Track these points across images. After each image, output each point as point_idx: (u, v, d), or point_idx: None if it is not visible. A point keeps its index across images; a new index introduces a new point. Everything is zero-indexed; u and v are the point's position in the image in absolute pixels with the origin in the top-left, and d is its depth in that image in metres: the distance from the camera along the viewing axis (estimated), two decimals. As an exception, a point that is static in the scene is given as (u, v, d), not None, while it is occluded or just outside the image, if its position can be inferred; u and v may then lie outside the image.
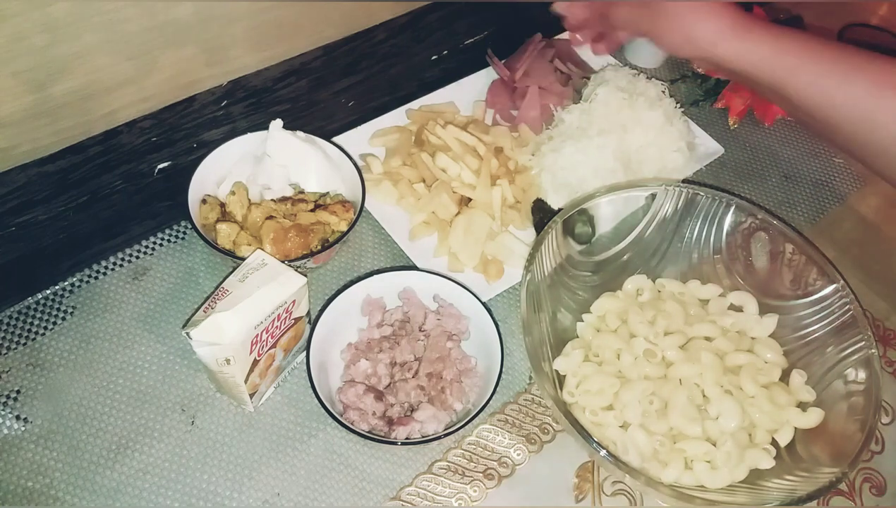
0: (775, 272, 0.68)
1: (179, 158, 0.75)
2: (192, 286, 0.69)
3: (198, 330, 0.52)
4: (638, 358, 0.63)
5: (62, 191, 0.69)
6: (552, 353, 0.63)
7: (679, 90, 0.93)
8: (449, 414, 0.61)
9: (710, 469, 0.59)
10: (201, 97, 0.74)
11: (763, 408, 0.61)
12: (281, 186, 0.71)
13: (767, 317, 0.67)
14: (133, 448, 0.59)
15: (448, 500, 0.60)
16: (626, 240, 0.70)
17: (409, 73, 0.89)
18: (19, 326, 0.64)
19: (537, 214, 0.74)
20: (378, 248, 0.74)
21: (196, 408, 0.62)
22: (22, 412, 0.60)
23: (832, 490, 0.56)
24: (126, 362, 0.63)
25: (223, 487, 0.58)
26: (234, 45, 0.72)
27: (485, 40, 0.93)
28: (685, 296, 0.69)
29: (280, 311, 0.55)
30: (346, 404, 0.60)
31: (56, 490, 0.57)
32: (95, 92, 0.65)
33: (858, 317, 0.61)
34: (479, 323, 0.64)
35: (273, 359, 0.59)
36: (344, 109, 0.85)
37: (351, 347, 0.64)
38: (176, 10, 0.65)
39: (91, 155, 0.69)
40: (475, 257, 0.71)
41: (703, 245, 0.70)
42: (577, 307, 0.68)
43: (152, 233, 0.71)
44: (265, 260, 0.56)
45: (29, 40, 0.58)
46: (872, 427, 0.56)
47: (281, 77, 0.78)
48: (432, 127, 0.78)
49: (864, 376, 0.59)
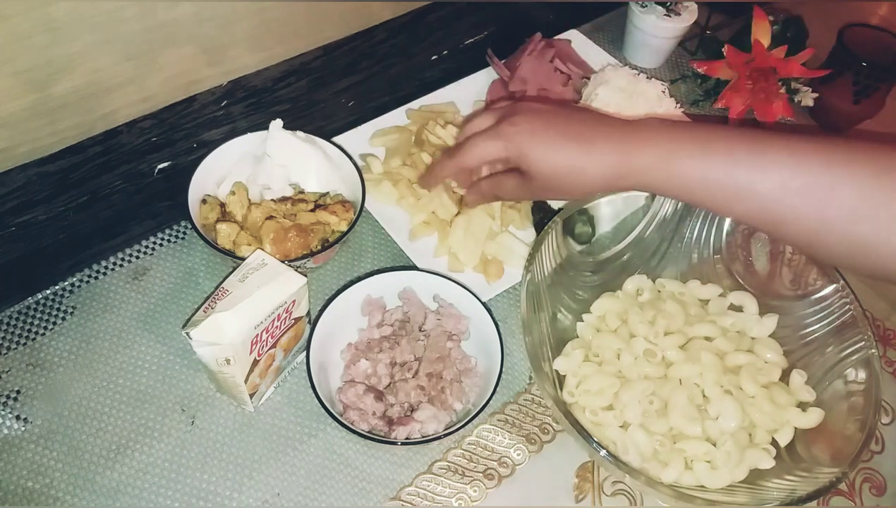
0: (775, 272, 0.68)
1: (179, 158, 0.75)
2: (192, 286, 0.69)
3: (198, 330, 0.52)
4: (638, 358, 0.63)
5: (62, 191, 0.69)
6: (552, 353, 0.63)
7: (679, 90, 0.93)
8: (449, 414, 0.61)
9: (710, 469, 0.59)
10: (201, 97, 0.73)
11: (763, 408, 0.61)
12: (281, 186, 0.71)
13: (767, 317, 0.67)
14: (133, 448, 0.59)
15: (448, 500, 0.60)
16: (626, 240, 0.70)
17: (409, 73, 0.89)
18: (19, 326, 0.64)
19: (537, 214, 0.74)
20: (378, 248, 0.74)
21: (196, 408, 0.62)
22: (22, 412, 0.60)
23: (832, 490, 0.56)
24: (126, 362, 0.63)
25: (223, 487, 0.58)
26: (234, 45, 0.72)
27: (485, 40, 0.93)
28: (685, 296, 0.69)
29: (280, 311, 0.55)
30: (346, 404, 0.60)
31: (56, 490, 0.57)
32: (95, 92, 0.65)
33: (858, 317, 0.61)
34: (479, 323, 0.64)
35: (273, 359, 0.59)
36: (344, 109, 0.85)
37: (351, 347, 0.64)
38: (176, 10, 0.65)
39: (91, 155, 0.69)
40: (475, 257, 0.71)
41: (703, 245, 0.70)
42: (577, 307, 0.68)
43: (152, 233, 0.71)
44: (265, 260, 0.56)
45: (29, 40, 0.58)
46: (872, 427, 0.56)
47: (281, 77, 0.78)
48: (432, 127, 0.78)
49: (864, 376, 0.59)
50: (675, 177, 0.52)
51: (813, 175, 0.49)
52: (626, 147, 0.53)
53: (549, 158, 0.55)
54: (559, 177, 0.55)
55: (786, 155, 0.49)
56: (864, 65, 0.84)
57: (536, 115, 0.57)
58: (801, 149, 0.49)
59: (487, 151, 0.58)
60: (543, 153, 0.55)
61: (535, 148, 0.55)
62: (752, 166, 0.50)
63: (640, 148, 0.53)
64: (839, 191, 0.48)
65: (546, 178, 0.56)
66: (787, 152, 0.49)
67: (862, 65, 0.84)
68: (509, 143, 0.57)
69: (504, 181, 0.60)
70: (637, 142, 0.54)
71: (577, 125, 0.56)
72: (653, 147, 0.53)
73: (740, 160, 0.50)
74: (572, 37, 0.92)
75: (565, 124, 0.56)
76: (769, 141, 0.51)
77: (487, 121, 0.60)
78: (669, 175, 0.52)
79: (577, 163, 0.54)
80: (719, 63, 0.86)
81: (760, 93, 0.84)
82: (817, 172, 0.48)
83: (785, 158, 0.49)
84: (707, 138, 0.52)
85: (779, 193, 0.49)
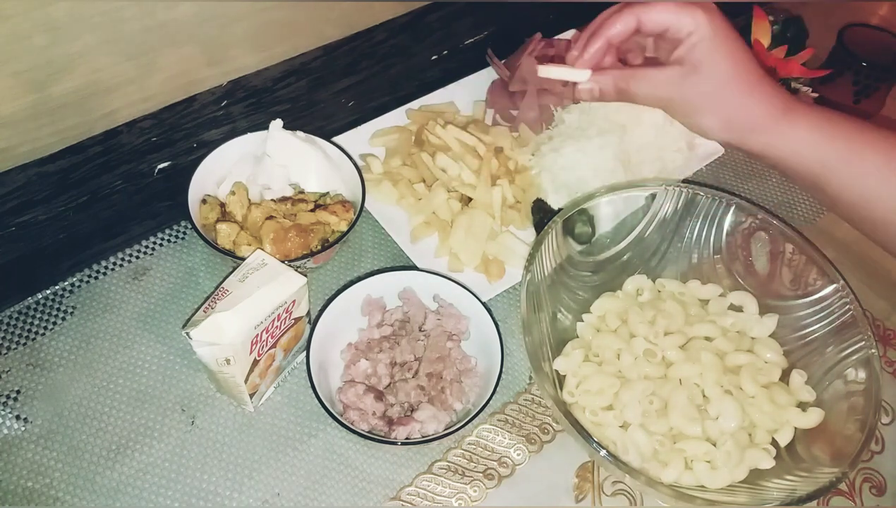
0: (775, 272, 0.68)
1: (179, 158, 0.75)
2: (192, 286, 0.69)
3: (198, 330, 0.52)
4: (638, 358, 0.63)
5: (62, 191, 0.69)
6: (552, 353, 0.63)
7: (679, 90, 0.93)
8: (449, 414, 0.61)
9: (710, 469, 0.59)
10: (201, 97, 0.73)
11: (763, 408, 0.61)
12: (281, 186, 0.71)
13: (767, 317, 0.67)
14: (133, 448, 0.59)
15: (448, 500, 0.60)
16: (626, 240, 0.70)
17: (409, 73, 0.89)
18: (19, 326, 0.64)
19: (537, 214, 0.74)
20: (378, 248, 0.74)
21: (196, 408, 0.62)
22: (22, 412, 0.60)
23: (832, 490, 0.56)
24: (126, 362, 0.63)
25: (223, 487, 0.58)
26: (234, 45, 0.72)
27: (485, 40, 0.93)
28: (685, 296, 0.69)
29: (280, 311, 0.55)
30: (346, 404, 0.60)
31: (56, 490, 0.57)
32: (95, 92, 0.65)
33: (858, 317, 0.61)
34: (479, 323, 0.64)
35: (273, 359, 0.59)
36: (344, 109, 0.85)
37: (351, 347, 0.64)
38: (176, 10, 0.65)
39: (91, 155, 0.69)
40: (476, 257, 0.71)
41: (703, 245, 0.70)
42: (577, 307, 0.68)
43: (152, 233, 0.71)
44: (265, 260, 0.56)
45: (29, 40, 0.58)
46: (872, 427, 0.56)
47: (281, 77, 0.78)
48: (432, 127, 0.78)
49: (864, 376, 0.59)
50: (826, 150, 0.52)
51: None
52: (789, 107, 0.53)
53: (734, 60, 0.51)
54: (725, 90, 0.51)
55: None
56: (864, 65, 0.84)
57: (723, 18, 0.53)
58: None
59: (675, 15, 0.51)
60: (732, 52, 0.51)
61: (727, 41, 0.51)
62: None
63: (801, 112, 0.53)
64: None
65: (718, 76, 0.51)
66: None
67: (862, 65, 0.84)
68: (708, 18, 0.50)
69: (651, 74, 0.54)
70: (799, 107, 0.53)
71: (755, 59, 0.53)
72: (813, 115, 0.53)
73: (892, 147, 0.51)
74: (572, 37, 0.92)
75: (746, 48, 0.53)
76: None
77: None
78: (821, 147, 0.52)
79: (749, 87, 0.51)
80: (719, 63, 0.86)
81: (760, 93, 0.84)
82: None
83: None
84: (860, 122, 0.53)
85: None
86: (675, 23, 0.51)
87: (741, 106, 0.51)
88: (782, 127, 0.51)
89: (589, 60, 0.55)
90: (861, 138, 0.52)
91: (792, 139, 0.52)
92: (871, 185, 0.51)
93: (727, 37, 0.51)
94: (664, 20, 0.51)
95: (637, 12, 0.52)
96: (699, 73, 0.51)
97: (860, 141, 0.52)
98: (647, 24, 0.52)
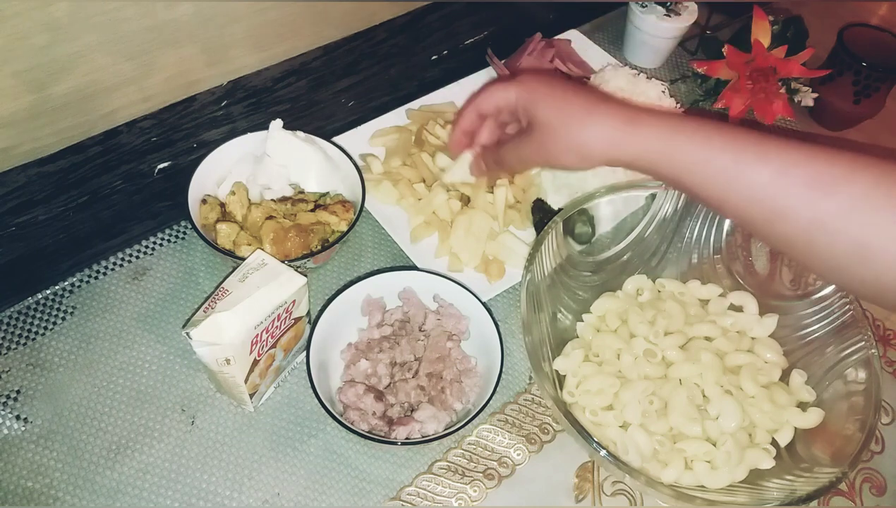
0: (775, 272, 0.68)
1: (179, 158, 0.75)
2: (192, 286, 0.69)
3: (198, 330, 0.52)
4: (638, 358, 0.63)
5: (62, 191, 0.69)
6: (552, 353, 0.63)
7: (679, 90, 0.93)
8: (449, 414, 0.61)
9: (710, 469, 0.59)
10: (201, 97, 0.73)
11: (763, 408, 0.61)
12: (281, 186, 0.71)
13: (767, 317, 0.67)
14: (133, 448, 0.59)
15: (448, 500, 0.60)
16: (626, 240, 0.70)
17: (409, 73, 0.89)
18: (19, 326, 0.64)
19: (537, 214, 0.74)
20: (378, 248, 0.74)
21: (196, 408, 0.62)
22: (22, 412, 0.60)
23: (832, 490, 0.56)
24: (126, 362, 0.63)
25: (223, 487, 0.58)
26: (234, 45, 0.72)
27: (485, 40, 0.93)
28: (685, 296, 0.69)
29: (280, 311, 0.55)
30: (346, 404, 0.60)
31: (56, 490, 0.57)
32: (95, 92, 0.65)
33: (858, 317, 0.61)
34: (479, 323, 0.64)
35: (273, 359, 0.59)
36: (344, 109, 0.85)
37: (351, 347, 0.64)
38: (176, 10, 0.65)
39: (91, 155, 0.69)
40: (477, 257, 0.71)
41: (703, 245, 0.70)
42: (577, 307, 0.68)
43: (152, 233, 0.71)
44: (265, 260, 0.56)
45: (29, 40, 0.58)
46: (872, 427, 0.56)
47: (281, 77, 0.78)
48: (432, 127, 0.78)
49: (864, 376, 0.59)
50: (674, 155, 0.52)
51: (814, 166, 0.48)
52: (632, 117, 0.54)
53: (557, 105, 0.55)
54: (564, 128, 0.55)
55: (787, 147, 0.49)
56: (864, 65, 0.84)
57: (548, 76, 0.59)
58: (805, 146, 0.49)
59: (500, 94, 0.59)
60: (553, 100, 0.56)
61: (546, 95, 0.56)
62: (752, 152, 0.50)
63: (644, 121, 0.53)
64: (840, 187, 0.47)
65: (552, 128, 0.55)
66: (790, 145, 0.49)
67: (862, 65, 0.84)
68: (521, 88, 0.57)
69: (512, 143, 0.60)
70: (642, 116, 0.54)
71: (586, 92, 0.57)
72: (656, 123, 0.53)
73: (741, 147, 0.50)
74: (572, 37, 0.92)
75: (574, 88, 0.57)
76: (771, 136, 0.51)
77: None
78: (669, 153, 0.52)
79: (583, 117, 0.54)
80: (719, 63, 0.86)
81: (760, 93, 0.84)
82: (819, 165, 0.48)
83: (786, 149, 0.49)
84: (710, 125, 0.52)
85: (777, 182, 0.49)
86: (500, 101, 0.58)
87: (583, 132, 0.54)
88: (629, 138, 0.54)
89: (457, 149, 0.64)
90: (706, 133, 0.52)
91: (638, 142, 0.53)
92: (722, 184, 0.51)
93: (545, 91, 0.56)
94: (493, 102, 0.59)
95: (476, 103, 0.60)
96: (535, 128, 0.56)
97: (707, 135, 0.52)
98: (485, 110, 0.60)
